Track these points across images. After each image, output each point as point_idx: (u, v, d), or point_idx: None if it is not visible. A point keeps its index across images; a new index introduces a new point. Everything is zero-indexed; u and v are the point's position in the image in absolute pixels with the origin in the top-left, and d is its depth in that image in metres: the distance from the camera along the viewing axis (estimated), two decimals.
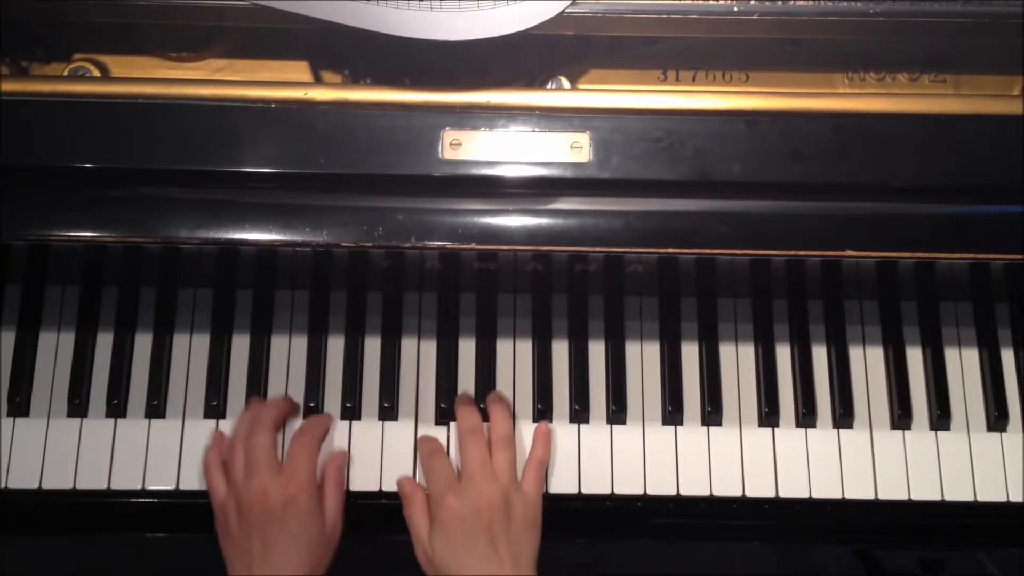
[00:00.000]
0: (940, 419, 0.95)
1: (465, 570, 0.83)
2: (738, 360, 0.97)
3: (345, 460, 0.92)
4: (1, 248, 0.91)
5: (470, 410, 0.93)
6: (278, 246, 0.84)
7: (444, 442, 0.94)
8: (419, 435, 0.94)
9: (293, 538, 0.84)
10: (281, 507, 0.84)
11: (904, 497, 0.93)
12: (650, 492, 0.93)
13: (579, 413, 0.95)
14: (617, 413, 0.95)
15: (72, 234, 0.83)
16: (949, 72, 0.92)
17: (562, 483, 0.92)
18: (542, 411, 0.95)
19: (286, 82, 0.90)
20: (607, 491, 0.93)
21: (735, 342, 0.97)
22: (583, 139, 0.84)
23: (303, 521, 0.85)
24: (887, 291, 0.98)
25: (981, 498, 0.93)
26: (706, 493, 0.93)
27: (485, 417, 0.93)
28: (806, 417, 0.95)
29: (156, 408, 0.94)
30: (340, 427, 0.94)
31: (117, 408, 0.94)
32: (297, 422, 0.94)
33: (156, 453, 0.93)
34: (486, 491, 0.86)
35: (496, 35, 0.81)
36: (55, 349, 0.95)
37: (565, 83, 0.91)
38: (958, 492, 0.93)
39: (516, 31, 0.81)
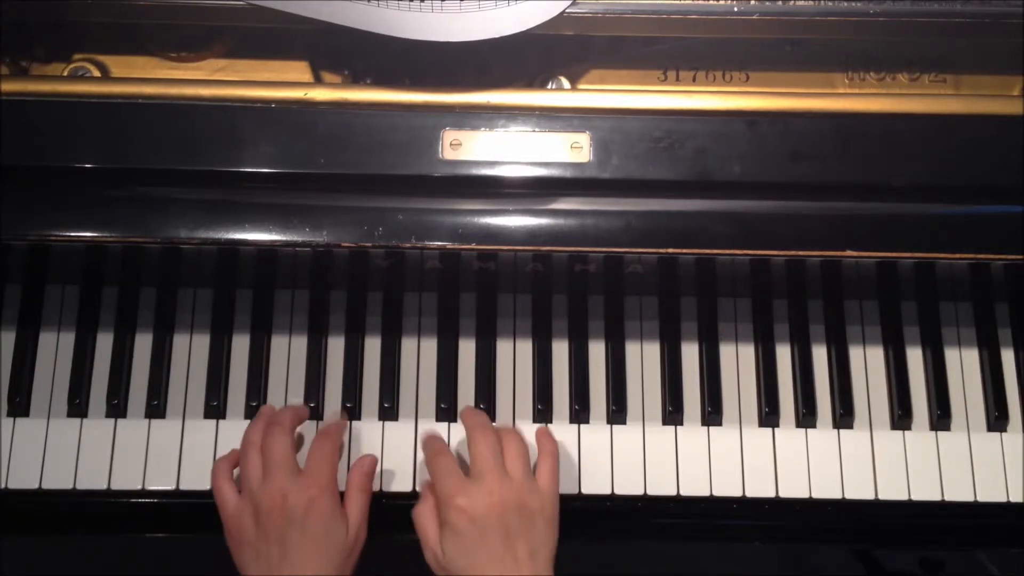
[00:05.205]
0: (940, 419, 0.95)
1: (481, 572, 0.80)
2: (738, 360, 0.97)
3: (374, 467, 0.90)
4: (1, 248, 0.91)
5: (476, 410, 0.92)
6: (278, 246, 0.84)
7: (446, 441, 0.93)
8: (422, 434, 0.93)
9: (313, 541, 0.81)
10: (302, 509, 0.82)
11: (904, 497, 0.93)
12: (650, 492, 0.93)
13: (579, 413, 0.95)
14: (617, 413, 0.95)
15: (72, 234, 0.83)
16: (949, 72, 0.92)
17: (562, 483, 0.92)
18: (542, 411, 0.94)
19: (286, 82, 0.90)
20: (607, 491, 0.93)
21: (735, 342, 0.97)
22: (583, 139, 0.84)
23: (324, 524, 0.82)
24: (887, 291, 0.98)
25: (981, 498, 0.93)
26: (706, 493, 0.93)
27: None
28: (806, 417, 0.95)
29: (156, 408, 0.94)
30: None
31: (117, 408, 0.94)
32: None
33: (156, 453, 0.93)
34: (499, 489, 0.83)
35: (496, 36, 0.81)
36: (55, 349, 0.95)
37: (565, 83, 0.91)
38: (958, 492, 0.93)
39: (516, 31, 0.81)
